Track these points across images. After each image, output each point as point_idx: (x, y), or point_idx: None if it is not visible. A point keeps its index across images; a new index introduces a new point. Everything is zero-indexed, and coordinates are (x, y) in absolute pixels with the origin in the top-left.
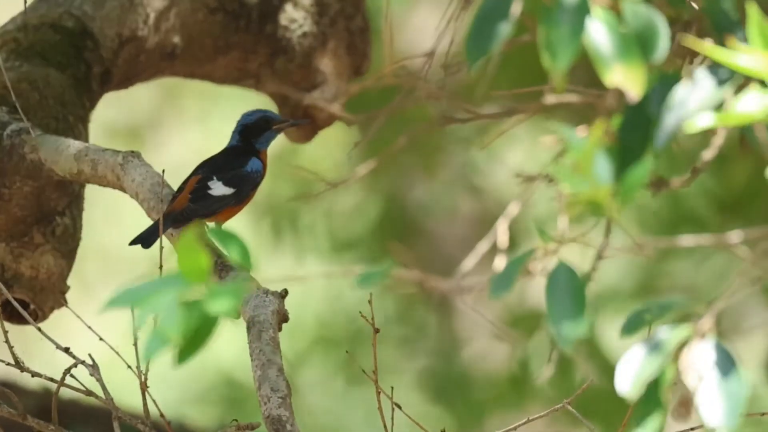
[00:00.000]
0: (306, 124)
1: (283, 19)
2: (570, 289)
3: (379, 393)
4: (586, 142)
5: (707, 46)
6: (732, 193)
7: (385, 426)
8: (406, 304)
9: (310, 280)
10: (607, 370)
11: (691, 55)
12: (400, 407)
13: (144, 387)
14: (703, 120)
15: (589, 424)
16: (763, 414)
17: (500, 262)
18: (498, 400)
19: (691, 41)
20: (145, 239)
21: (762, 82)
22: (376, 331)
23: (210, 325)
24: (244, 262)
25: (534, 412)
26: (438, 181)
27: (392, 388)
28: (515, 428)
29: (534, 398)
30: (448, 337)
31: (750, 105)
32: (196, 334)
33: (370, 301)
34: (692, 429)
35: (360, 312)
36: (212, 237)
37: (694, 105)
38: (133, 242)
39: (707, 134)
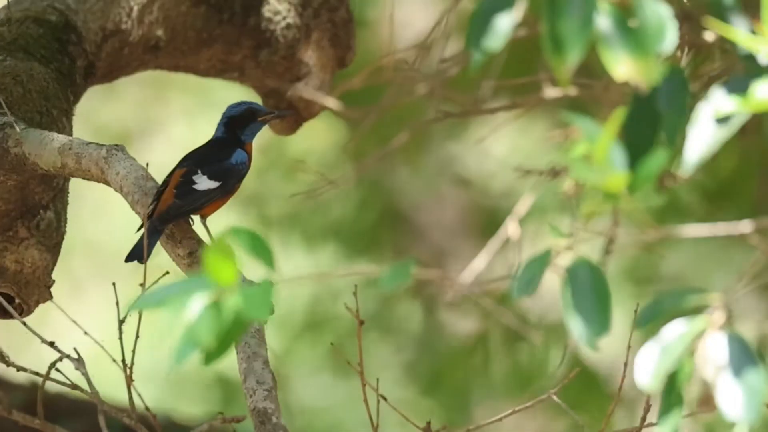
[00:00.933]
0: (291, 115)
1: (267, 12)
2: (592, 287)
3: (365, 385)
4: (603, 132)
5: (731, 31)
6: (718, 181)
7: (370, 418)
8: (392, 296)
9: (324, 279)
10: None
11: (695, 48)
12: (385, 399)
13: (129, 381)
14: (726, 106)
15: (574, 414)
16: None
17: (515, 261)
18: (486, 390)
19: (715, 24)
20: (140, 253)
21: None
22: (361, 322)
23: (239, 327)
24: (267, 264)
25: (520, 402)
26: (424, 171)
27: (378, 379)
28: (500, 419)
29: (520, 388)
30: (434, 328)
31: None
32: (225, 337)
33: (354, 293)
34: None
35: (345, 304)
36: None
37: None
38: (128, 258)
39: None
